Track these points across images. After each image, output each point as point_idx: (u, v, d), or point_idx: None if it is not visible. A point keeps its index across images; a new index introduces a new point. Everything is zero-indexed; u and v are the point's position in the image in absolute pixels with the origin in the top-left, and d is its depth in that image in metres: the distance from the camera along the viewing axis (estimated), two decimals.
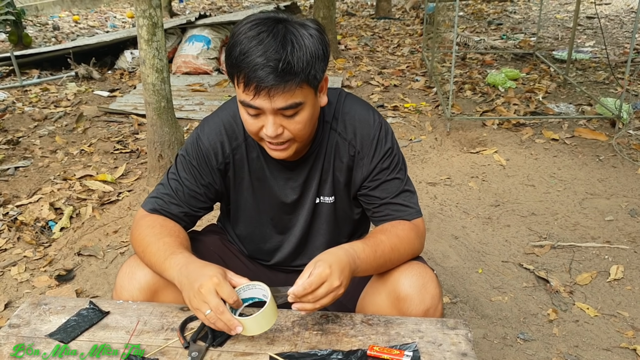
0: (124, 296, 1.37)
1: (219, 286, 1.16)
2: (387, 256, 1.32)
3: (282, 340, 1.24)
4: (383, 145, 1.41)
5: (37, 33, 8.71)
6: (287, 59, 1.15)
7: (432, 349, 1.21)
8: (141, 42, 3.17)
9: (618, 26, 8.30)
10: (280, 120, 1.24)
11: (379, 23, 9.25)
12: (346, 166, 1.44)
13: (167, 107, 3.34)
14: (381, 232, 1.37)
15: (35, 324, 1.29)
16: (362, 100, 1.49)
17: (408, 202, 1.43)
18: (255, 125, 1.27)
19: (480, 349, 2.13)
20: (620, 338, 2.18)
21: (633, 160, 3.71)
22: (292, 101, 1.21)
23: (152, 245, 1.33)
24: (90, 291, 2.54)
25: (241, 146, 1.44)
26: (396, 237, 1.35)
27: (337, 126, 1.42)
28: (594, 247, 2.79)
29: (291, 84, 1.18)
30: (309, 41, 1.19)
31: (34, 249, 2.85)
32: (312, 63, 1.20)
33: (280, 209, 1.51)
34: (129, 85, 5.79)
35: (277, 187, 1.47)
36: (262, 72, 1.15)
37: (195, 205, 1.46)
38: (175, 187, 1.44)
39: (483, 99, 5.06)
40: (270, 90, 1.17)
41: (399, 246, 1.34)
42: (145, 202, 1.46)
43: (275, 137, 1.26)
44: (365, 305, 1.43)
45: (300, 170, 1.45)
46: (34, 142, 4.19)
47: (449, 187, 3.45)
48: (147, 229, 1.38)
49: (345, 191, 1.49)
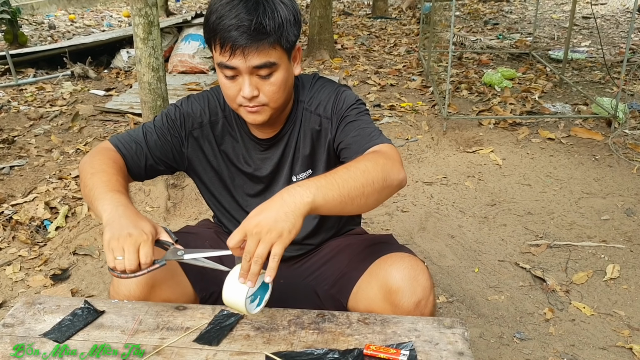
0: (121, 290, 1.36)
1: (143, 244, 1.16)
2: (359, 180, 1.14)
3: (278, 339, 1.23)
4: (345, 102, 1.43)
5: (33, 32, 8.68)
6: (259, 20, 1.23)
7: (429, 348, 1.21)
8: (137, 40, 3.16)
9: (614, 26, 8.32)
10: (256, 82, 1.30)
11: (376, 22, 9.25)
12: (318, 137, 1.47)
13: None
14: (344, 165, 1.22)
15: (29, 324, 1.29)
16: (333, 81, 1.52)
17: (370, 133, 1.35)
18: (233, 89, 1.32)
19: (476, 348, 2.13)
20: (617, 337, 2.19)
21: (629, 159, 3.72)
22: (267, 59, 1.27)
23: (92, 178, 1.32)
24: (85, 290, 2.53)
25: (219, 121, 1.49)
26: (363, 161, 1.21)
27: (310, 105, 1.47)
28: (590, 246, 2.79)
29: (264, 43, 1.25)
30: (281, 7, 1.27)
31: (29, 248, 2.84)
32: (284, 26, 1.27)
33: (257, 188, 1.53)
34: (125, 84, 5.77)
35: (254, 166, 1.51)
36: (236, 33, 1.23)
37: (158, 157, 1.47)
38: (146, 131, 1.47)
39: (479, 98, 5.06)
40: (245, 49, 1.24)
41: (371, 169, 1.17)
42: (112, 137, 1.49)
43: (251, 98, 1.31)
44: (358, 299, 1.44)
45: (275, 149, 1.49)
46: (29, 141, 4.17)
47: (446, 187, 3.45)
48: (95, 159, 1.38)
49: (325, 162, 1.48)
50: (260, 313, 1.29)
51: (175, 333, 1.25)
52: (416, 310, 1.32)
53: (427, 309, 1.33)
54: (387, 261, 1.37)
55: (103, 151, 1.43)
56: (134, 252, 1.14)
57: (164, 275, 1.38)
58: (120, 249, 1.14)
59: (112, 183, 1.30)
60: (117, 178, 1.33)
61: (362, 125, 1.37)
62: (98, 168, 1.35)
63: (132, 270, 1.16)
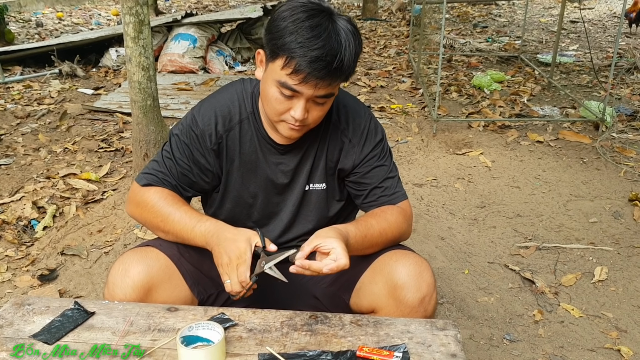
0: (116, 294, 1.35)
1: (239, 265, 1.28)
2: (375, 240, 1.40)
3: (270, 341, 1.23)
4: (373, 137, 1.49)
5: (20, 29, 8.60)
6: (342, 57, 1.23)
7: (422, 350, 1.21)
8: (127, 39, 3.14)
9: (601, 30, 8.41)
10: (309, 106, 1.31)
11: (366, 24, 9.27)
12: (337, 153, 1.49)
13: (153, 106, 3.31)
14: (372, 216, 1.44)
15: (18, 325, 1.27)
16: (350, 94, 1.56)
17: (395, 186, 1.50)
18: (284, 106, 1.31)
19: (467, 350, 2.13)
20: (605, 339, 2.20)
21: (616, 162, 3.76)
22: (331, 91, 1.29)
23: (174, 214, 1.39)
24: (73, 291, 2.50)
25: (235, 128, 1.46)
26: (385, 221, 1.42)
27: (330, 115, 1.47)
28: (579, 248, 2.81)
29: (338, 80, 1.28)
30: (356, 40, 1.27)
31: (16, 248, 2.80)
32: (356, 62, 1.29)
33: (270, 191, 1.52)
34: (113, 83, 5.73)
35: (269, 170, 1.49)
36: (317, 65, 1.21)
37: (188, 185, 1.49)
38: (170, 165, 1.46)
39: (469, 100, 5.09)
40: (319, 83, 1.24)
41: (387, 231, 1.41)
42: (139, 177, 1.47)
43: (302, 120, 1.31)
44: (361, 295, 1.45)
45: (292, 156, 1.48)
46: (16, 140, 4.13)
47: (435, 188, 3.46)
48: (160, 200, 1.42)
49: (335, 178, 1.53)
50: (253, 314, 1.29)
51: (167, 334, 1.24)
52: (420, 306, 1.33)
53: (431, 305, 1.34)
54: (391, 257, 1.38)
55: (151, 195, 1.45)
56: (234, 275, 1.29)
57: (160, 278, 1.37)
58: (225, 275, 1.30)
59: (189, 216, 1.39)
60: (185, 209, 1.41)
61: (389, 174, 1.50)
62: (164, 212, 1.41)
63: (238, 292, 1.31)
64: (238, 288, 1.29)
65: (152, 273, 1.35)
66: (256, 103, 1.46)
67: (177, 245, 1.45)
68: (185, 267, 1.44)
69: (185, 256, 1.45)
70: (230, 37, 6.73)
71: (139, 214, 1.46)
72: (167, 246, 1.44)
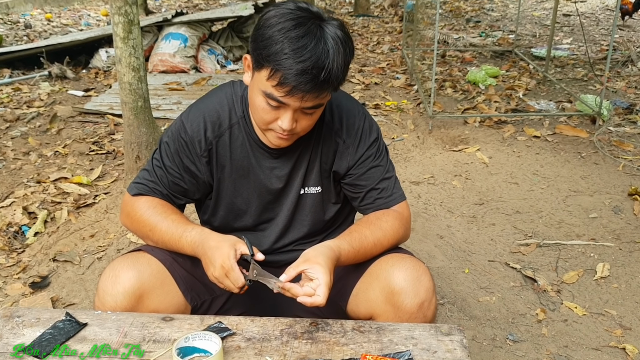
0: (107, 301, 1.30)
1: (228, 273, 1.26)
2: (370, 251, 1.37)
3: (270, 350, 1.18)
4: (368, 136, 1.46)
5: (8, 31, 8.49)
6: (329, 69, 1.17)
7: (427, 357, 1.17)
8: (117, 40, 3.08)
9: (594, 23, 8.39)
10: (297, 116, 1.26)
11: (358, 20, 9.21)
12: (332, 155, 1.45)
13: (144, 107, 3.25)
14: (366, 225, 1.40)
15: (7, 338, 1.22)
16: (344, 92, 1.50)
17: (392, 188, 1.46)
18: (271, 115, 1.27)
19: (470, 351, 2.09)
20: (609, 337, 2.17)
21: (614, 156, 3.73)
22: (319, 102, 1.25)
23: (161, 223, 1.37)
24: (66, 298, 2.44)
25: (225, 134, 1.42)
26: (380, 230, 1.39)
27: (324, 115, 1.43)
28: (580, 244, 2.78)
29: (326, 92, 1.23)
30: (346, 49, 1.21)
31: (7, 255, 2.74)
32: (345, 72, 1.23)
33: (264, 196, 1.48)
34: (104, 84, 5.66)
35: (263, 175, 1.45)
36: (304, 78, 1.17)
37: (179, 193, 1.45)
38: (160, 174, 1.43)
39: (464, 96, 5.05)
40: (305, 95, 1.20)
41: (383, 240, 1.39)
42: (130, 187, 1.45)
43: (289, 130, 1.27)
44: (358, 301, 1.41)
45: (286, 159, 1.44)
46: (5, 144, 4.05)
47: (433, 186, 3.42)
48: (148, 209, 1.39)
49: (330, 180, 1.49)
50: (251, 322, 1.25)
51: (162, 346, 1.19)
52: (419, 312, 1.28)
53: (430, 310, 1.30)
54: (388, 261, 1.34)
55: (141, 204, 1.43)
56: (226, 280, 1.27)
57: (152, 284, 1.32)
58: (220, 284, 1.29)
59: (176, 225, 1.37)
60: (173, 217, 1.38)
61: (386, 175, 1.46)
62: (152, 221, 1.39)
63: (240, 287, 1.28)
64: (236, 291, 1.28)
65: (143, 279, 1.31)
66: (247, 107, 1.41)
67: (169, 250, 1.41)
68: (179, 272, 1.40)
69: (179, 261, 1.41)
70: (221, 36, 6.66)
71: (130, 224, 1.45)
72: (160, 251, 1.40)
